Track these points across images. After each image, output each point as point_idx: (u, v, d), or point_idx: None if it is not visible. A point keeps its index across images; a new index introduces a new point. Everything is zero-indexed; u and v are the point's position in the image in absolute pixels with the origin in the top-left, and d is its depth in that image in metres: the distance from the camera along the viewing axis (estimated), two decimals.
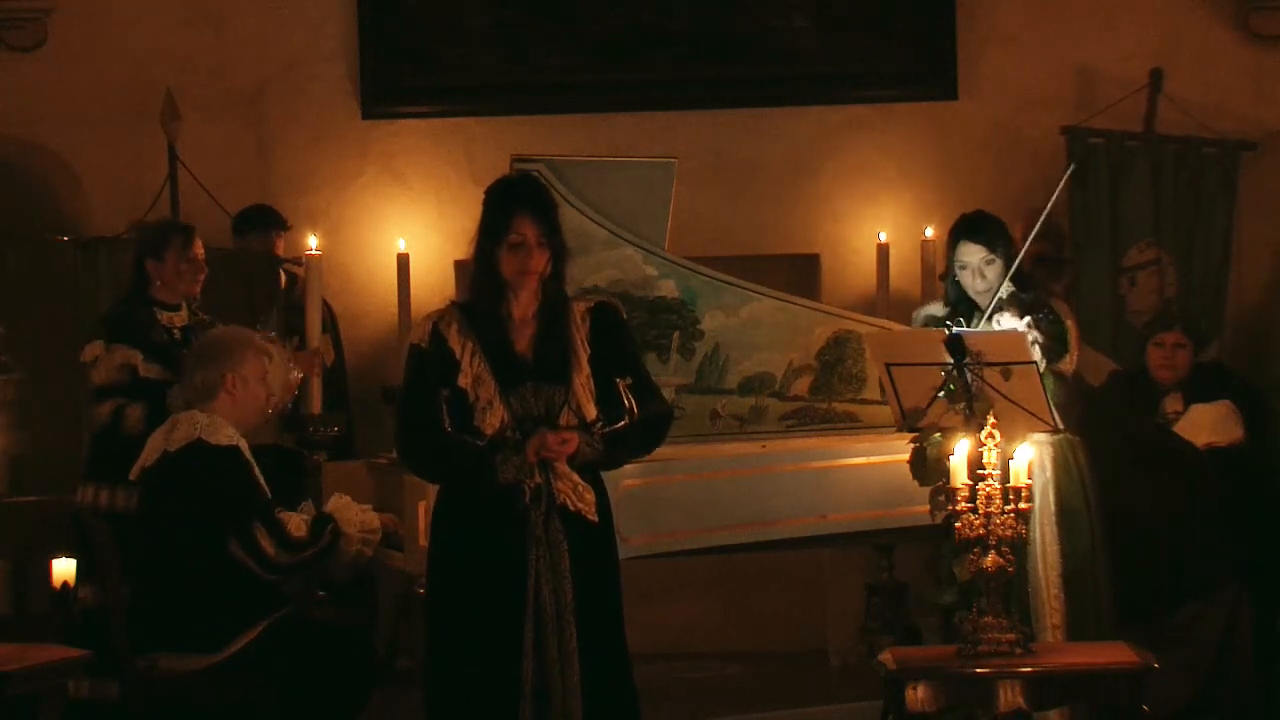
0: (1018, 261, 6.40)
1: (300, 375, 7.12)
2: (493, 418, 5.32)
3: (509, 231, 5.35)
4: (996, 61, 8.87)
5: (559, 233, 5.40)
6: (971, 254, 6.46)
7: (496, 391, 5.32)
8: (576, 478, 5.35)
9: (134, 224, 8.03)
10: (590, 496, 5.38)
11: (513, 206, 5.38)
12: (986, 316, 6.38)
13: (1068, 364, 6.44)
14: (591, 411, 5.36)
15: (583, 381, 5.37)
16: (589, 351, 5.40)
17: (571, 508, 5.35)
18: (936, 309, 6.61)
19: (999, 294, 6.37)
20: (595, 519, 5.39)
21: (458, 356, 5.34)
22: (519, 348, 5.39)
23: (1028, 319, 6.29)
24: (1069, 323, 6.48)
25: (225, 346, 6.36)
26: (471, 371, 5.33)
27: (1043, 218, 6.51)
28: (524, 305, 5.41)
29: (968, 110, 8.88)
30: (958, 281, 6.50)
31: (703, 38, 8.91)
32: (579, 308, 5.46)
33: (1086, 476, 6.47)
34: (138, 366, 6.91)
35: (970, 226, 6.52)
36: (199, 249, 7.12)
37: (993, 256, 6.42)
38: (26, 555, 7.34)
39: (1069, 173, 7.04)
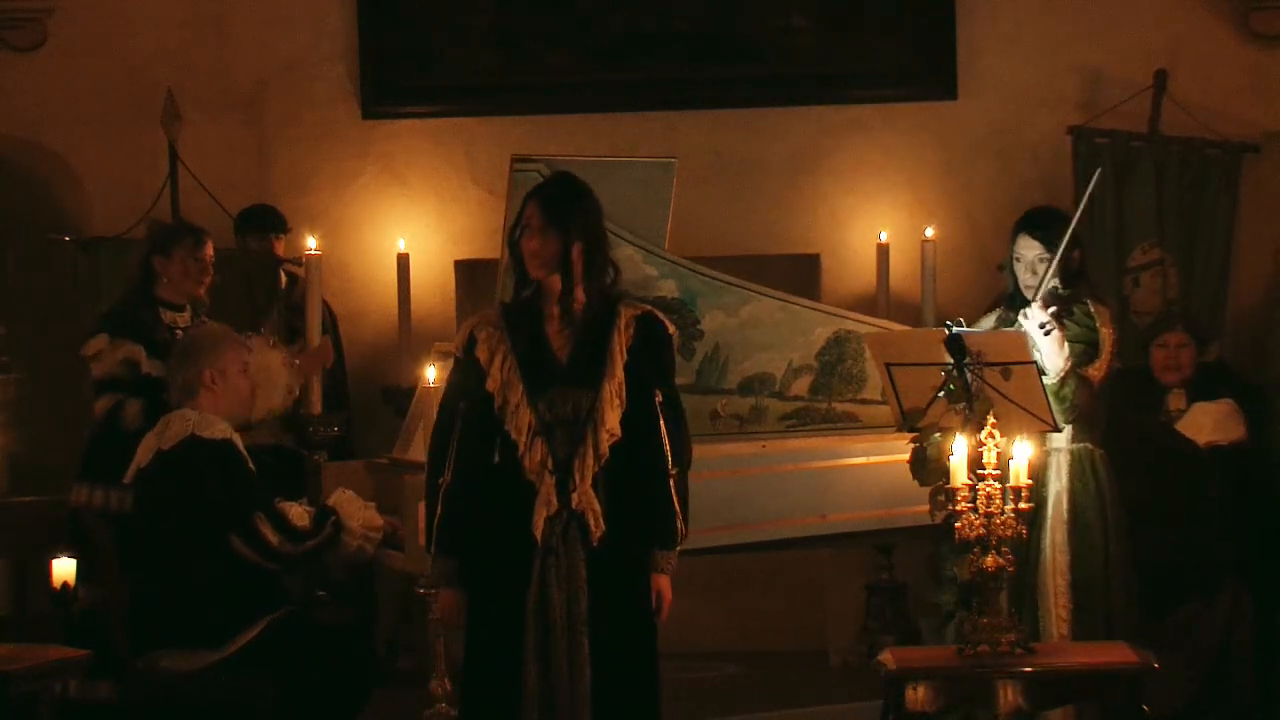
0: (1055, 262, 6.31)
1: (296, 389, 7.12)
2: (520, 421, 5.30)
3: (521, 219, 5.39)
4: (996, 61, 8.87)
5: (577, 227, 5.36)
6: (1028, 248, 6.40)
7: (523, 395, 5.31)
8: (596, 506, 5.31)
9: (147, 220, 8.03)
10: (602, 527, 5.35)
11: (530, 194, 5.44)
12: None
13: (1096, 370, 6.36)
14: (614, 420, 5.31)
15: (614, 388, 5.32)
16: (625, 359, 5.35)
17: (591, 526, 5.30)
18: (988, 323, 6.54)
19: (1042, 289, 6.31)
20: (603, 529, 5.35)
21: (485, 363, 5.34)
22: (556, 350, 5.37)
23: (1053, 309, 6.24)
24: (1105, 330, 6.40)
25: (200, 343, 6.40)
26: (501, 376, 5.32)
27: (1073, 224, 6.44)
28: (564, 305, 5.37)
29: (968, 110, 8.88)
30: (1015, 273, 6.46)
31: (703, 38, 8.91)
32: (626, 314, 5.41)
33: (1105, 489, 6.40)
34: (140, 362, 6.91)
35: (1033, 222, 6.44)
36: (209, 251, 7.12)
37: (1048, 255, 6.33)
38: (26, 555, 7.36)
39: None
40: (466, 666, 5.40)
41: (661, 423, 5.37)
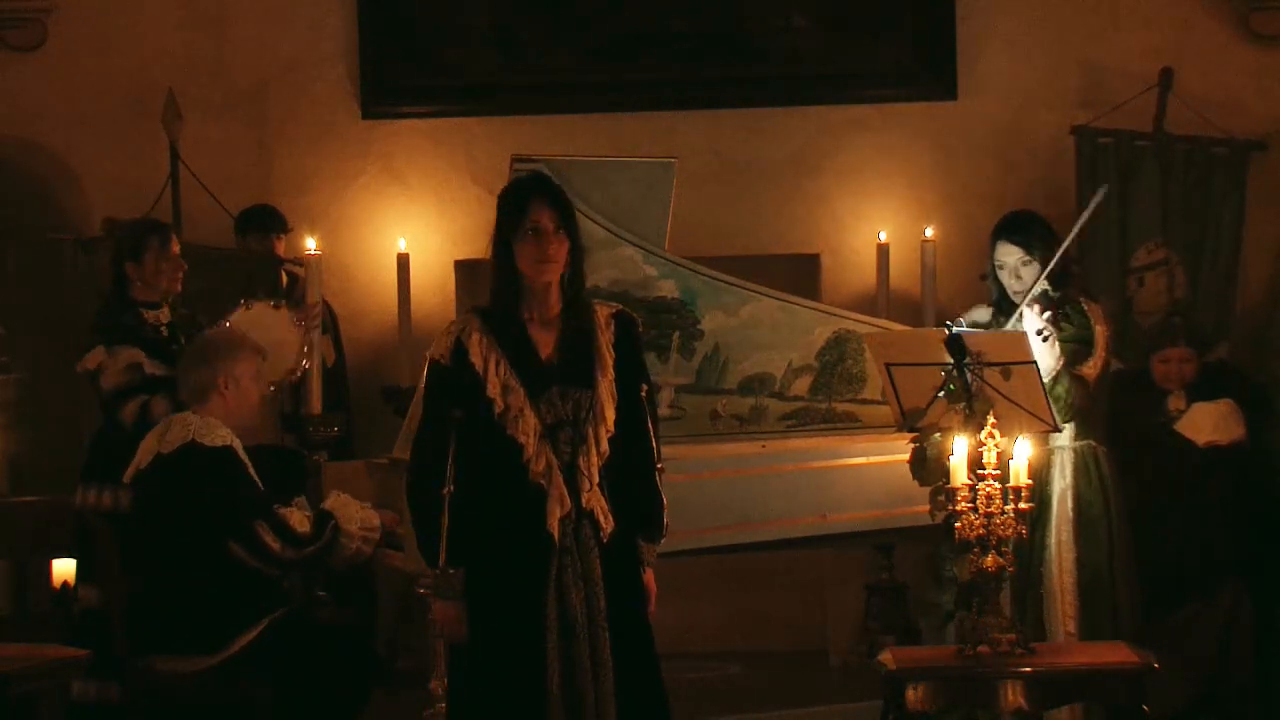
0: (1052, 265, 6.32)
1: (307, 347, 7.14)
2: (525, 424, 5.24)
3: (526, 220, 5.26)
4: (996, 61, 8.87)
5: (576, 228, 5.32)
6: (1009, 254, 6.41)
7: (526, 399, 5.25)
8: (604, 503, 5.32)
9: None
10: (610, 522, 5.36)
11: (529, 196, 5.29)
12: (1016, 317, 6.34)
13: (1091, 368, 6.36)
14: (612, 416, 5.30)
15: (607, 386, 5.30)
16: (614, 357, 5.34)
17: (602, 523, 5.31)
18: (981, 314, 6.56)
19: (1032, 293, 6.31)
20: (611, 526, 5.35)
21: (480, 369, 5.25)
22: (542, 352, 5.30)
23: (1047, 315, 6.24)
24: (1099, 327, 6.40)
25: (217, 347, 6.35)
26: (499, 381, 5.25)
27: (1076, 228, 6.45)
28: (545, 307, 5.32)
29: (968, 110, 8.88)
30: (999, 280, 6.46)
31: (703, 38, 8.91)
32: (603, 312, 5.39)
33: (1109, 485, 6.42)
34: (143, 364, 6.89)
35: (1009, 227, 6.46)
36: (176, 245, 7.08)
37: (1029, 258, 6.34)
38: (26, 555, 7.36)
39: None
40: (470, 671, 5.33)
41: (648, 419, 5.37)
